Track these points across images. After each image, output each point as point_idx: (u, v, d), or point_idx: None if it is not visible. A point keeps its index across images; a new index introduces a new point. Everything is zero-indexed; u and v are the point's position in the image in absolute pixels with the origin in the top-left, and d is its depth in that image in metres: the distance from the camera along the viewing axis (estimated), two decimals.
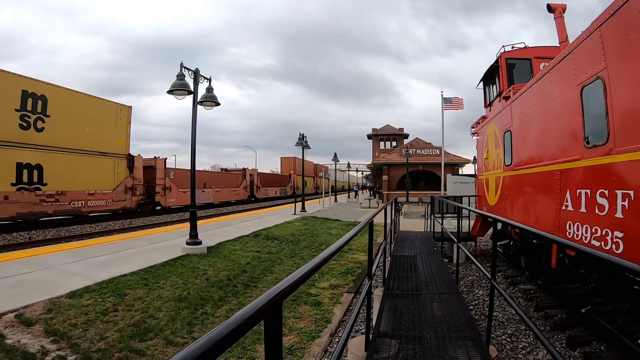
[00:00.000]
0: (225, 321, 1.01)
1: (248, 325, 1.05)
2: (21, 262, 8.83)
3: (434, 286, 6.45)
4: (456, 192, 18.93)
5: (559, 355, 2.44)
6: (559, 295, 7.22)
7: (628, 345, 4.90)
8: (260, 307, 1.14)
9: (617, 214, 4.45)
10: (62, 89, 19.29)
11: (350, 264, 10.76)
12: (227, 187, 38.03)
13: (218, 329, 0.96)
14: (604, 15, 4.70)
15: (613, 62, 4.59)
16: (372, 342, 4.16)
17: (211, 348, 0.89)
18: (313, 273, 1.69)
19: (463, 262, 10.85)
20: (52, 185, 18.36)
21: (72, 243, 12.45)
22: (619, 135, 4.46)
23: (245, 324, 1.04)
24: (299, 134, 25.79)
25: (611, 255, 2.10)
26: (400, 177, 44.78)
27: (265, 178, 48.63)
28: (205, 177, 34.58)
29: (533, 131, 7.41)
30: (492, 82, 11.51)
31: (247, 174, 42.93)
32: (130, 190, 23.68)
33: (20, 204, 16.77)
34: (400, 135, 58.32)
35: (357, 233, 3.17)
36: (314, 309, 7.40)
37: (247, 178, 42.63)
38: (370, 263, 4.10)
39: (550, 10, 9.05)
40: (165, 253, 10.40)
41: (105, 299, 6.73)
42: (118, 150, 22.68)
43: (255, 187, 44.36)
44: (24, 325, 5.55)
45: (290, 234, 15.50)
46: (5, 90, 16.28)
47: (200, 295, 7.51)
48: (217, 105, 11.63)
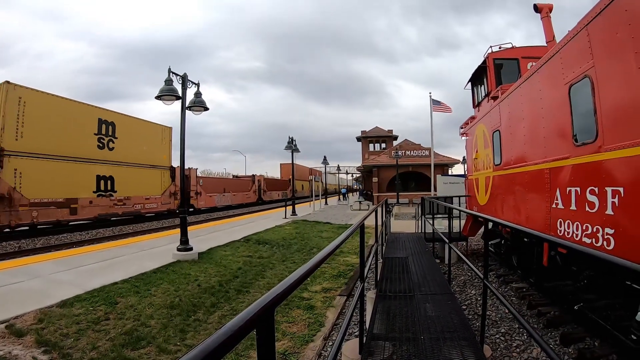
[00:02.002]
0: (216, 332, 0.98)
1: (239, 335, 1.03)
2: (10, 272, 8.68)
3: (426, 287, 6.45)
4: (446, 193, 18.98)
5: (552, 353, 2.44)
6: (552, 293, 7.25)
7: (621, 340, 4.92)
8: (252, 316, 1.11)
9: (607, 211, 4.47)
10: (125, 116, 24.75)
11: (342, 267, 10.74)
12: (241, 192, 43.56)
13: (209, 340, 0.93)
14: (591, 14, 4.74)
15: (600, 60, 4.63)
16: (366, 344, 4.14)
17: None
18: (304, 279, 1.67)
19: (455, 262, 10.88)
20: (120, 192, 23.50)
21: (62, 252, 12.28)
22: (607, 132, 4.49)
23: (236, 334, 1.01)
24: (289, 137, 25.87)
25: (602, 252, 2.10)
26: (390, 179, 44.90)
27: (270, 183, 53.71)
28: (224, 183, 41.16)
29: (522, 130, 7.45)
30: (480, 83, 11.57)
31: (256, 180, 48.11)
32: (173, 195, 29.06)
33: (100, 207, 21.96)
34: (390, 137, 58.51)
35: (348, 236, 3.15)
36: (307, 313, 7.37)
37: (256, 183, 47.73)
38: (362, 265, 4.09)
39: (537, 10, 9.11)
40: (156, 260, 10.30)
41: (96, 308, 6.64)
42: (163, 163, 28.35)
43: (262, 191, 49.04)
44: (14, 336, 5.45)
45: (282, 238, 15.44)
46: (87, 119, 21.77)
47: (192, 301, 7.44)
48: (205, 110, 11.57)
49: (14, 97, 17.26)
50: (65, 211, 19.98)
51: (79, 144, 20.99)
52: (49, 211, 18.72)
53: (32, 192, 17.92)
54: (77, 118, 20.96)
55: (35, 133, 18.12)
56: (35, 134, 18.17)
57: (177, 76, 10.63)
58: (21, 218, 17.42)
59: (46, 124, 18.81)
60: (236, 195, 41.53)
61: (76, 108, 21.17)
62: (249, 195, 45.34)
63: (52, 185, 19.00)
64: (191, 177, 32.29)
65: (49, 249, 14.35)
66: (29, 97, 18.00)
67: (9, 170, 16.98)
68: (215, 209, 36.80)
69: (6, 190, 16.80)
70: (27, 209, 17.65)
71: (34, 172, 18.00)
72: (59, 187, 19.54)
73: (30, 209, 17.79)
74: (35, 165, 18.12)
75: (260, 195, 47.91)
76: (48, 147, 18.92)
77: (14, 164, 17.21)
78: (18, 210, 17.21)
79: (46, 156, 18.86)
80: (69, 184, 20.06)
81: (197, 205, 33.06)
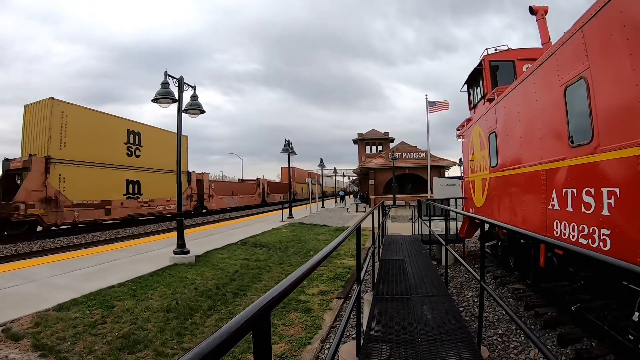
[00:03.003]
0: (211, 335, 0.98)
1: (235, 339, 1.02)
2: (6, 275, 8.65)
3: (423, 289, 6.44)
4: (443, 195, 19.01)
5: (550, 354, 2.44)
6: (548, 294, 7.26)
7: (619, 341, 4.93)
8: (247, 319, 1.10)
9: (603, 212, 4.48)
10: (149, 127, 28.51)
11: (339, 269, 10.73)
12: (247, 194, 47.19)
13: (204, 344, 0.92)
14: (586, 16, 4.76)
15: (596, 62, 4.64)
16: (364, 347, 4.13)
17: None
18: (300, 282, 1.66)
19: (452, 264, 10.88)
20: (145, 194, 26.86)
21: (58, 255, 12.25)
22: (603, 133, 4.51)
23: (232, 337, 1.01)
24: (285, 140, 25.82)
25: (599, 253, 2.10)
26: (387, 181, 44.94)
27: (272, 186, 57.44)
28: (233, 186, 45.38)
29: (518, 132, 7.46)
30: (476, 85, 11.59)
31: (260, 183, 51.75)
32: (190, 197, 32.47)
33: (129, 208, 25.26)
34: (386, 139, 58.65)
35: (345, 239, 3.15)
36: (304, 315, 7.36)
37: (260, 186, 51.29)
38: (359, 268, 4.08)
39: (532, 13, 9.14)
40: (153, 263, 10.29)
41: (93, 311, 6.63)
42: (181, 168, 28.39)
43: (266, 194, 52.49)
44: (11, 340, 5.44)
45: (278, 240, 15.43)
46: (118, 130, 24.94)
47: (189, 305, 7.42)
48: (202, 112, 11.57)
49: (58, 112, 20.15)
50: (101, 212, 22.68)
51: (111, 152, 23.79)
52: (87, 211, 21.74)
53: (73, 195, 20.84)
54: (109, 129, 23.80)
55: (75, 143, 20.93)
56: (75, 144, 20.95)
57: (174, 79, 10.63)
58: (65, 217, 20.40)
59: (84, 135, 21.50)
60: (243, 198, 45.21)
61: (108, 120, 24.13)
62: (254, 198, 48.79)
63: (90, 188, 21.75)
64: (204, 181, 35.71)
65: (45, 252, 14.34)
66: (69, 111, 20.92)
67: (54, 175, 19.83)
68: (225, 210, 39.82)
69: (53, 193, 19.69)
70: (70, 210, 20.67)
71: (75, 177, 20.93)
72: (95, 191, 22.26)
73: (73, 210, 20.82)
74: (75, 171, 21.03)
75: (264, 198, 51.19)
76: (86, 155, 21.73)
77: (58, 170, 20.05)
78: (63, 210, 20.17)
79: (85, 163, 21.75)
80: (103, 187, 22.76)
81: (209, 207, 36.45)
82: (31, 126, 20.41)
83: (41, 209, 19.05)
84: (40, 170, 19.22)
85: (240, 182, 51.90)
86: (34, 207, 18.75)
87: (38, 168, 19.12)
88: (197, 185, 34.48)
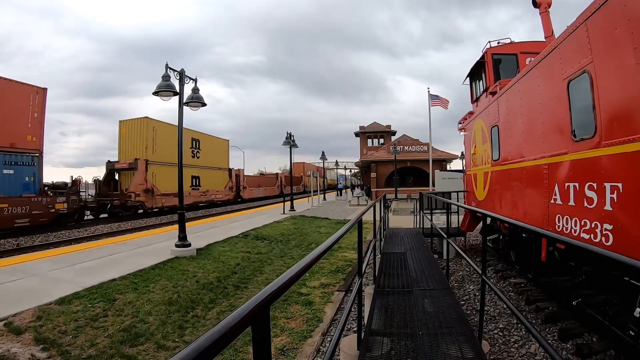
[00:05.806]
0: (210, 329, 0.97)
1: (234, 333, 1.02)
2: (7, 269, 8.66)
3: (424, 283, 6.45)
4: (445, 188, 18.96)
5: (550, 348, 2.44)
6: (550, 288, 7.25)
7: (619, 336, 4.93)
8: (247, 313, 1.10)
9: (605, 207, 4.47)
10: (205, 135, 36.06)
11: (340, 262, 10.74)
12: (270, 186, 55.08)
13: (202, 338, 0.92)
14: (590, 10, 4.71)
15: (599, 55, 4.61)
16: (364, 340, 4.14)
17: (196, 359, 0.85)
18: (301, 275, 1.65)
19: (453, 257, 10.88)
20: (203, 187, 34.23)
21: (60, 249, 12.26)
22: (606, 128, 4.48)
23: (231, 332, 1.00)
24: (287, 133, 25.75)
25: (601, 248, 2.09)
26: (389, 174, 44.94)
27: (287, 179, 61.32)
28: (259, 180, 54.36)
29: (520, 126, 7.43)
30: (479, 78, 11.54)
31: (278, 177, 59.85)
32: (231, 189, 40.65)
33: (193, 197, 31.84)
34: (388, 132, 58.57)
35: (346, 232, 3.14)
36: (305, 308, 7.37)
37: (278, 180, 58.90)
38: (360, 261, 4.07)
39: (535, 6, 9.08)
40: (154, 256, 10.29)
41: (94, 305, 6.63)
42: (225, 165, 40.29)
43: (283, 186, 58.23)
44: (13, 334, 5.44)
45: (280, 233, 15.46)
46: (186, 138, 30.04)
47: (191, 298, 7.44)
48: (203, 105, 11.56)
49: (150, 127, 27.71)
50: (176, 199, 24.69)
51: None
52: (169, 199, 28.35)
53: (161, 187, 27.90)
54: None
55: (161, 149, 28.01)
56: (161, 150, 28.02)
57: (175, 72, 10.60)
58: (157, 203, 27.62)
59: (166, 142, 27.85)
60: (266, 189, 53.06)
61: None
62: (274, 189, 56.34)
63: (170, 182, 27.46)
64: (240, 176, 43.75)
65: (47, 246, 14.36)
66: (157, 126, 28.32)
67: (150, 173, 27.07)
68: (254, 199, 47.09)
69: (150, 186, 26.83)
70: (160, 197, 27.83)
71: (161, 174, 27.97)
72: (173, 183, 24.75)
73: (161, 197, 27.99)
74: (162, 170, 28.05)
75: (281, 189, 57.45)
76: (167, 157, 28.05)
77: (152, 169, 27.25)
78: (155, 198, 27.35)
79: (167, 163, 28.12)
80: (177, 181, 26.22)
81: (244, 197, 44.42)
82: (127, 137, 27.62)
83: (144, 197, 26.13)
84: (143, 169, 26.31)
85: (263, 176, 61.20)
86: (139, 196, 25.74)
87: (142, 168, 26.22)
88: (235, 180, 42.17)
